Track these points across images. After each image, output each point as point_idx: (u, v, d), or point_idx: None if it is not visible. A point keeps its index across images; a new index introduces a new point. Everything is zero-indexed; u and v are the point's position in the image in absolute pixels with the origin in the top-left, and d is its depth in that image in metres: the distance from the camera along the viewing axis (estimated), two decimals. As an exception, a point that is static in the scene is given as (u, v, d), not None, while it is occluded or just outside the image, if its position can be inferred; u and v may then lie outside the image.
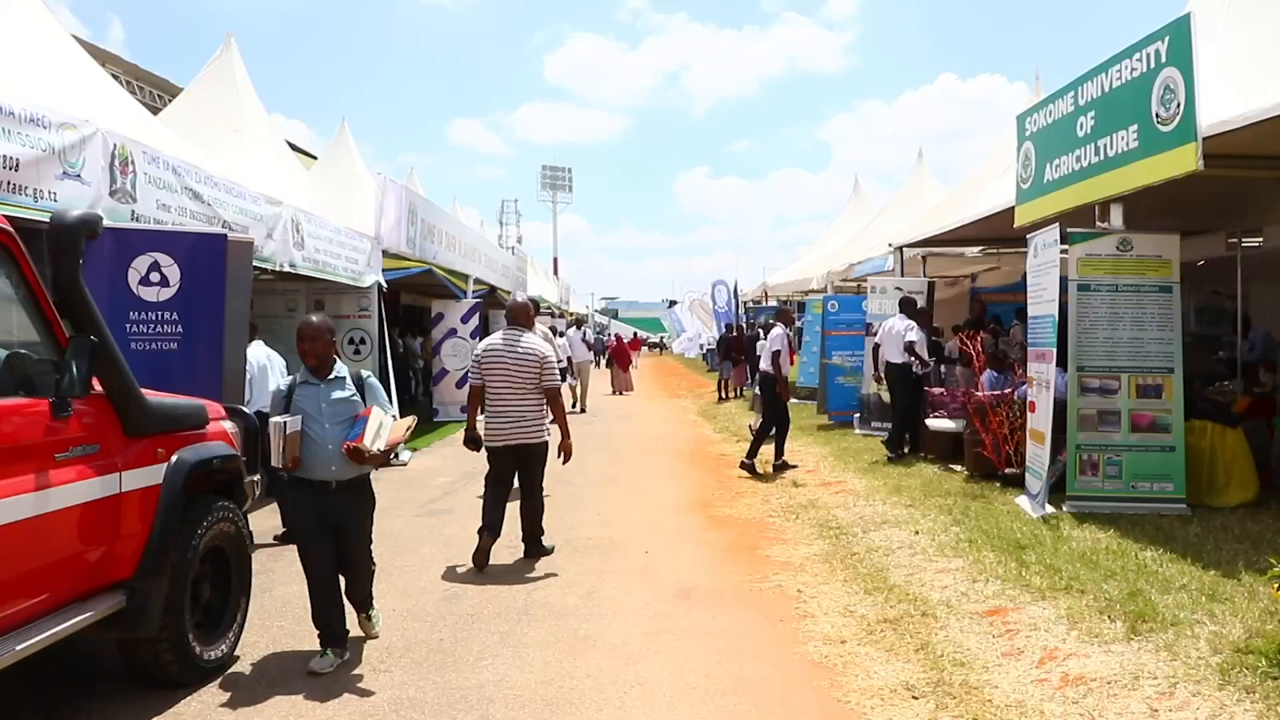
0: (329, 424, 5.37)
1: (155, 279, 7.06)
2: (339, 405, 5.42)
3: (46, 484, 4.11)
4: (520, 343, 7.68)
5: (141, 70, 22.46)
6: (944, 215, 14.53)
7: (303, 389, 5.44)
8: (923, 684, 5.00)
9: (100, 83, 9.29)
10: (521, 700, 4.95)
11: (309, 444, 5.32)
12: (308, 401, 5.39)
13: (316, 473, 5.38)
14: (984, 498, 9.25)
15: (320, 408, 5.38)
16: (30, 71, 7.52)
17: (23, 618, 4.08)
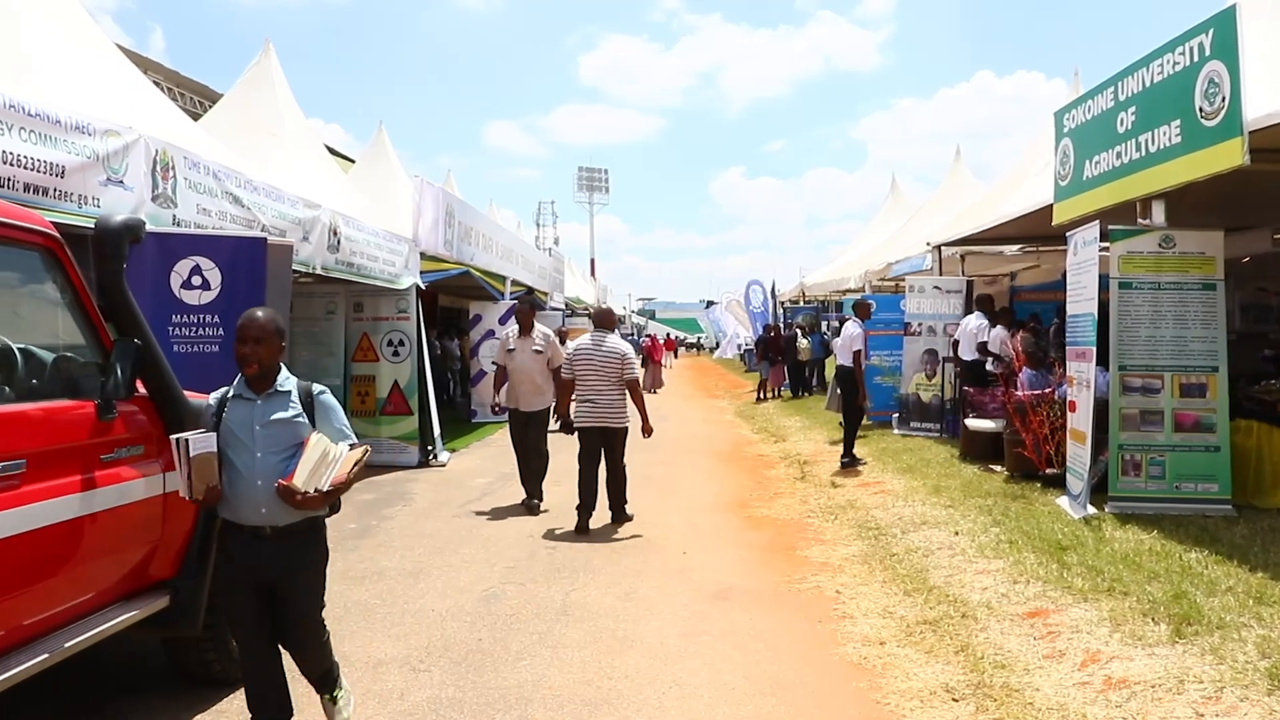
0: (262, 452, 4.11)
1: (197, 282, 7.14)
2: (278, 429, 4.16)
3: (93, 484, 4.17)
4: (605, 343, 9.32)
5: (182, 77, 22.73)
6: (982, 213, 14.41)
7: (234, 405, 4.18)
8: (963, 686, 4.97)
9: (142, 90, 9.39)
10: (560, 700, 4.97)
11: (234, 478, 4.10)
12: (238, 422, 4.14)
13: (244, 515, 4.12)
14: (1024, 498, 9.17)
15: (252, 431, 4.13)
16: (75, 80, 7.62)
17: (71, 615, 4.14)
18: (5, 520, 3.63)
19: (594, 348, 9.28)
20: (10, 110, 6.03)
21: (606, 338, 9.34)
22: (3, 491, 3.64)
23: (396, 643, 5.86)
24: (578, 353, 9.37)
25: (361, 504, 10.47)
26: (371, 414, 13.53)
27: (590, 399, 9.22)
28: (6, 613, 3.72)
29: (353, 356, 13.62)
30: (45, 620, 3.97)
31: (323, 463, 4.09)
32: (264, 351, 4.17)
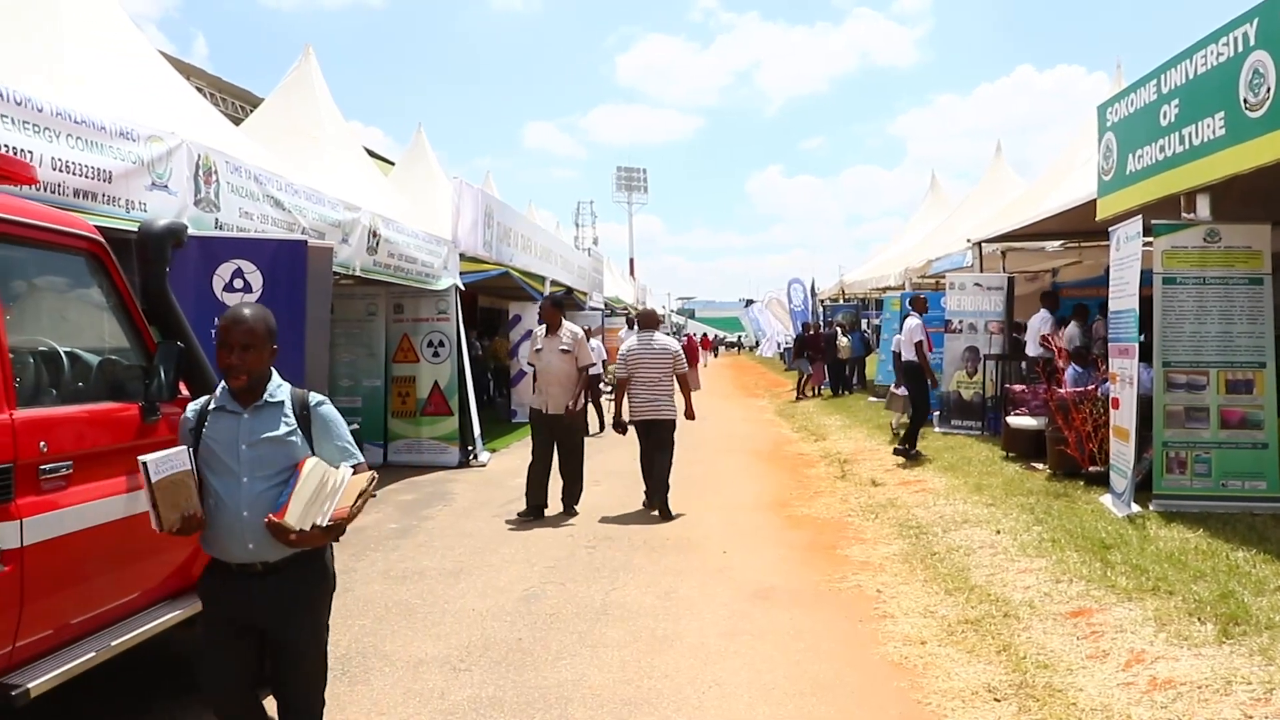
0: (249, 477, 3.44)
1: (239, 285, 7.20)
2: (268, 449, 3.48)
3: (138, 486, 4.21)
4: (654, 341, 10.08)
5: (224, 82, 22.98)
6: (1023, 209, 14.29)
7: (216, 419, 3.52)
8: (1005, 686, 4.93)
9: (185, 96, 9.52)
10: (600, 700, 4.97)
11: (217, 508, 3.45)
12: (220, 441, 3.49)
13: (229, 551, 3.47)
14: (1067, 496, 9.08)
15: (238, 452, 3.46)
16: (120, 87, 7.73)
17: (117, 614, 4.20)
18: (53, 520, 3.69)
19: (645, 347, 10.02)
20: (58, 118, 6.12)
21: (654, 336, 10.16)
22: (50, 492, 3.70)
23: (437, 642, 5.89)
24: (631, 352, 10.06)
25: (402, 504, 10.54)
26: (412, 414, 13.61)
27: (646, 395, 9.94)
28: (55, 611, 3.78)
29: (393, 357, 13.70)
30: (92, 619, 4.03)
31: (321, 493, 3.40)
32: (253, 359, 3.47)
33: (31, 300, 4.30)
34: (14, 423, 3.55)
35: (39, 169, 5.77)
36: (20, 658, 3.63)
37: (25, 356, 3.99)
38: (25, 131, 5.84)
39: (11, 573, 3.47)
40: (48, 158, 5.97)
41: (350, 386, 13.61)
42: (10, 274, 3.88)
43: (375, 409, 13.61)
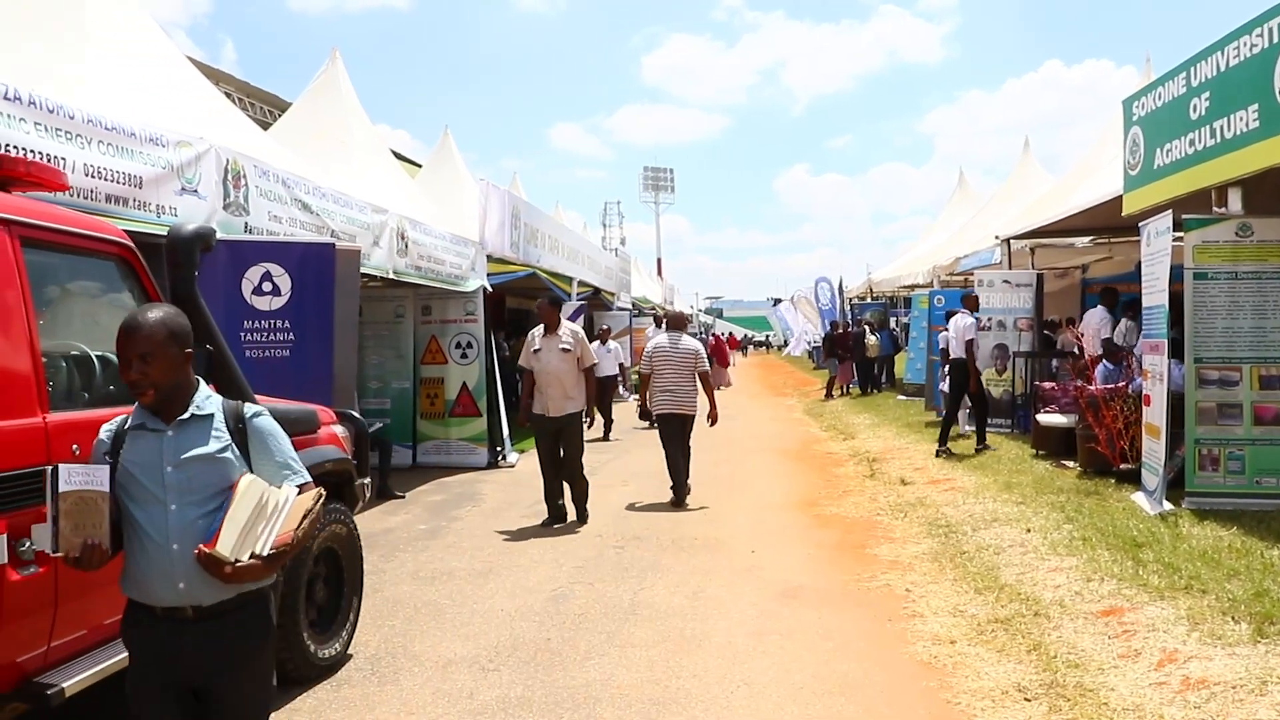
0: (177, 504, 2.94)
1: (267, 288, 7.25)
2: (197, 470, 2.98)
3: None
4: (681, 341, 10.54)
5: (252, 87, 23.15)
6: (1052, 205, 14.19)
7: (135, 440, 3.02)
8: (1035, 685, 4.90)
9: (213, 101, 9.59)
10: (628, 700, 4.98)
11: (139, 542, 2.94)
12: (141, 463, 2.97)
13: (155, 593, 2.95)
14: (1098, 494, 9.02)
15: (162, 475, 2.96)
16: (150, 94, 7.80)
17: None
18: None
19: (671, 346, 10.50)
20: (89, 124, 6.19)
21: (681, 337, 10.67)
22: (82, 495, 3.72)
23: (466, 642, 5.91)
24: (657, 350, 10.57)
25: (431, 505, 10.58)
26: (440, 416, 13.67)
27: (669, 389, 10.39)
28: (87, 612, 3.81)
29: (421, 359, 13.75)
30: (125, 621, 4.06)
31: (260, 516, 2.93)
32: (158, 370, 2.96)
33: (63, 305, 4.35)
34: (47, 426, 3.59)
35: (71, 175, 5.84)
36: (55, 658, 3.68)
37: (58, 360, 4.03)
38: (57, 138, 5.91)
39: (46, 574, 3.51)
40: (79, 164, 6.04)
41: (379, 388, 13.67)
42: (43, 279, 3.92)
43: (404, 410, 13.66)
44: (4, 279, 3.52)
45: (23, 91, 5.66)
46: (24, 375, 3.54)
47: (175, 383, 3.02)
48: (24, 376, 3.54)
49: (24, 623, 3.47)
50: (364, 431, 6.39)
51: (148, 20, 9.03)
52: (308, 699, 5.08)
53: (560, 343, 9.40)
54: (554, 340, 9.43)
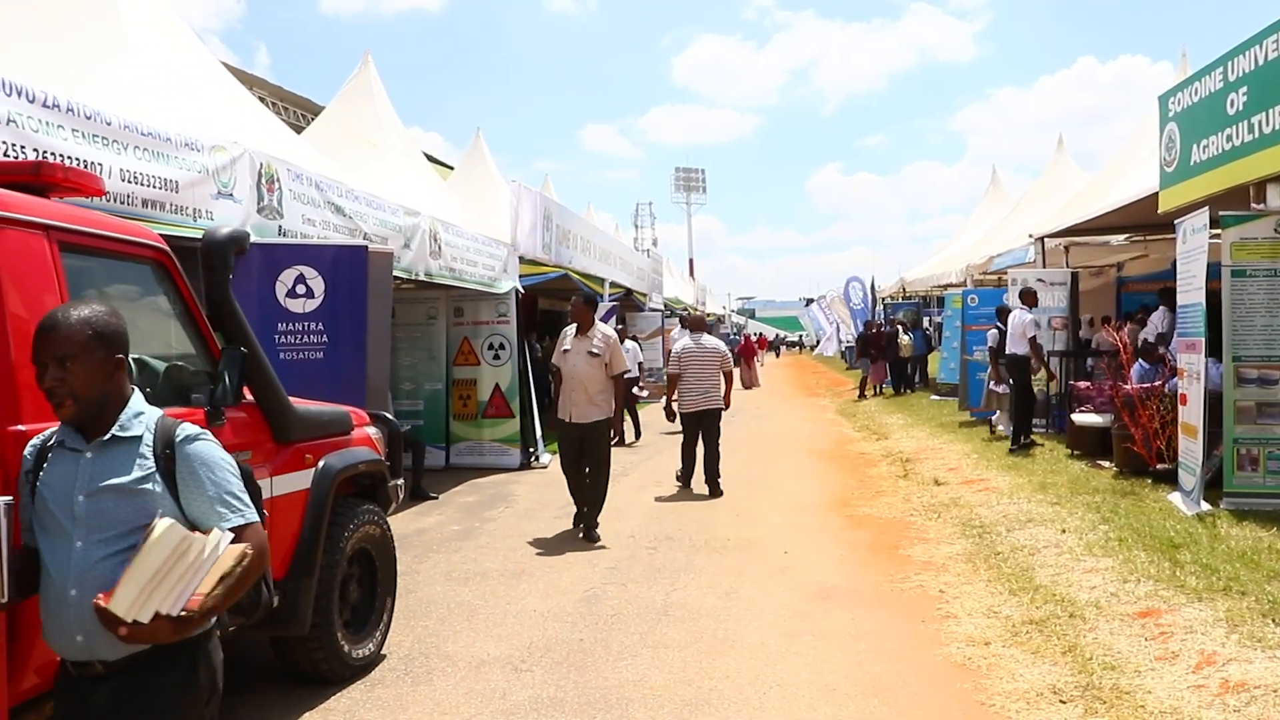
0: (84, 540, 2.53)
1: (301, 291, 7.30)
2: (112, 501, 2.55)
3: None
4: (703, 342, 11.27)
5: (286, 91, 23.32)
6: (1086, 203, 14.07)
7: (56, 458, 2.64)
8: (1070, 688, 4.86)
9: (247, 105, 9.68)
10: (660, 701, 4.98)
11: (45, 580, 2.59)
12: (55, 487, 2.59)
13: (56, 642, 2.59)
14: (1134, 495, 8.94)
15: (72, 503, 2.55)
16: (185, 99, 7.88)
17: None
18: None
19: (697, 347, 11.21)
20: (125, 130, 6.26)
21: (703, 338, 11.36)
22: (120, 497, 3.76)
23: (499, 642, 5.93)
24: (685, 351, 11.23)
25: (464, 506, 10.62)
26: (473, 417, 13.71)
27: (694, 387, 11.13)
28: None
29: (454, 360, 13.80)
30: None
31: (175, 568, 2.41)
32: (78, 378, 2.54)
33: (101, 308, 4.39)
34: (85, 428, 3.62)
35: (108, 180, 5.90)
36: (93, 658, 3.71)
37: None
38: (94, 144, 5.98)
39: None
40: (116, 169, 6.11)
41: (412, 390, 13.73)
42: (81, 283, 3.96)
43: (437, 412, 13.72)
44: (43, 283, 3.55)
45: (61, 98, 5.74)
46: (62, 378, 3.57)
47: (100, 395, 2.59)
48: (62, 379, 3.57)
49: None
50: (397, 433, 6.42)
51: (182, 26, 9.12)
52: (342, 699, 5.11)
53: (590, 345, 8.82)
54: (584, 342, 8.86)
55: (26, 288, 3.47)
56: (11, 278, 3.41)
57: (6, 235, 3.43)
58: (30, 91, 5.52)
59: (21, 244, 3.49)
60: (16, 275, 3.43)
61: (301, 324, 7.33)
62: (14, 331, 3.39)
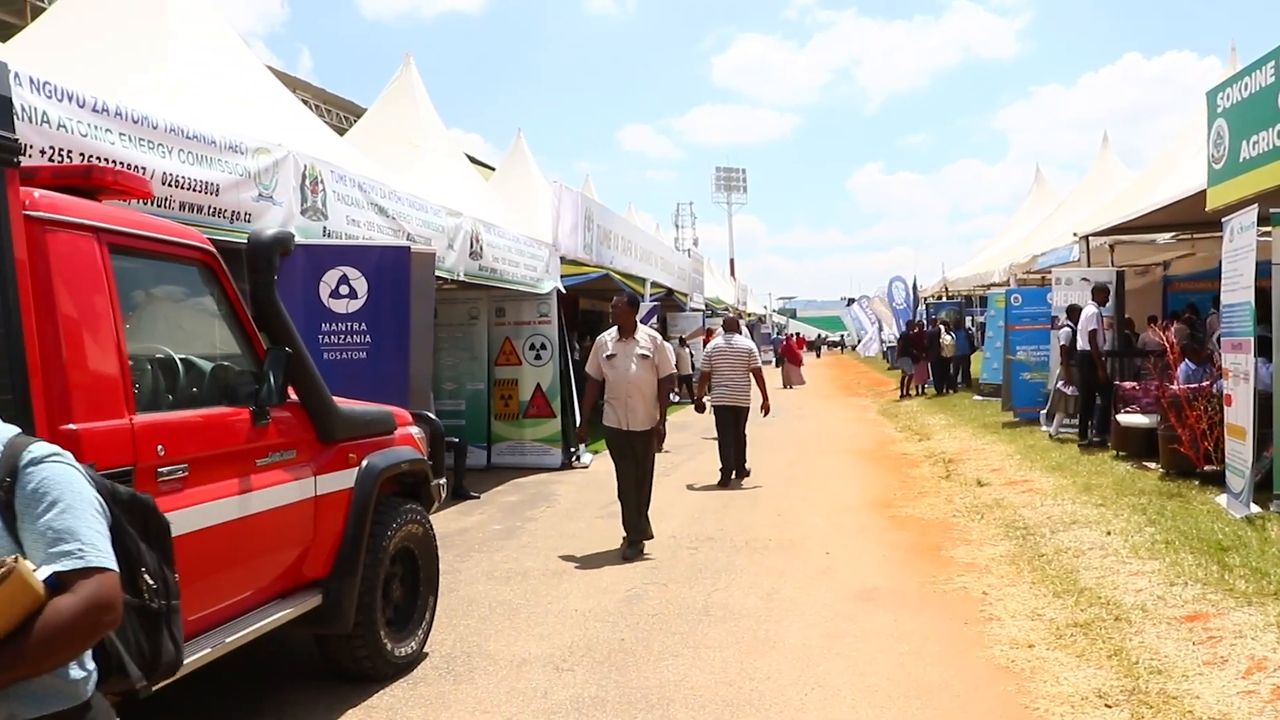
0: None
1: (344, 291, 7.37)
2: None
3: (249, 488, 4.35)
4: (735, 341, 12.05)
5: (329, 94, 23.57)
6: (1132, 201, 13.91)
7: None
8: (1116, 692, 4.81)
9: (291, 108, 9.78)
10: (701, 701, 4.97)
11: None
12: None
13: None
14: (1181, 496, 8.83)
15: None
16: (229, 102, 7.98)
17: (230, 613, 4.33)
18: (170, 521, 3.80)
19: (728, 346, 12.00)
20: (170, 134, 6.34)
21: (734, 338, 12.18)
22: (167, 494, 3.82)
23: (540, 642, 5.95)
24: (716, 350, 12.08)
25: (506, 505, 10.67)
26: (515, 417, 13.76)
27: (727, 384, 11.92)
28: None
29: (496, 361, 13.86)
30: (207, 617, 4.16)
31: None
32: None
33: (149, 309, 4.45)
34: (133, 427, 3.68)
35: (154, 183, 5.98)
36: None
37: (143, 363, 4.13)
38: (141, 147, 6.06)
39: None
40: (161, 172, 6.19)
41: (453, 390, 13.81)
42: (130, 284, 4.02)
43: (478, 411, 13.79)
44: (93, 285, 3.61)
45: (109, 103, 5.82)
46: (112, 378, 3.63)
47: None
48: (112, 379, 3.63)
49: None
50: (439, 432, 6.46)
51: (228, 30, 9.24)
52: (384, 696, 5.15)
53: (638, 348, 8.41)
54: (630, 345, 8.43)
55: (77, 289, 3.53)
56: (63, 279, 3.47)
57: (58, 238, 3.49)
58: (80, 96, 5.60)
59: (72, 246, 3.55)
60: (68, 277, 3.49)
61: (345, 324, 7.40)
62: (66, 332, 3.44)
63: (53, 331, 3.38)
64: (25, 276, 3.17)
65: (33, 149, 5.15)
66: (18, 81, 5.06)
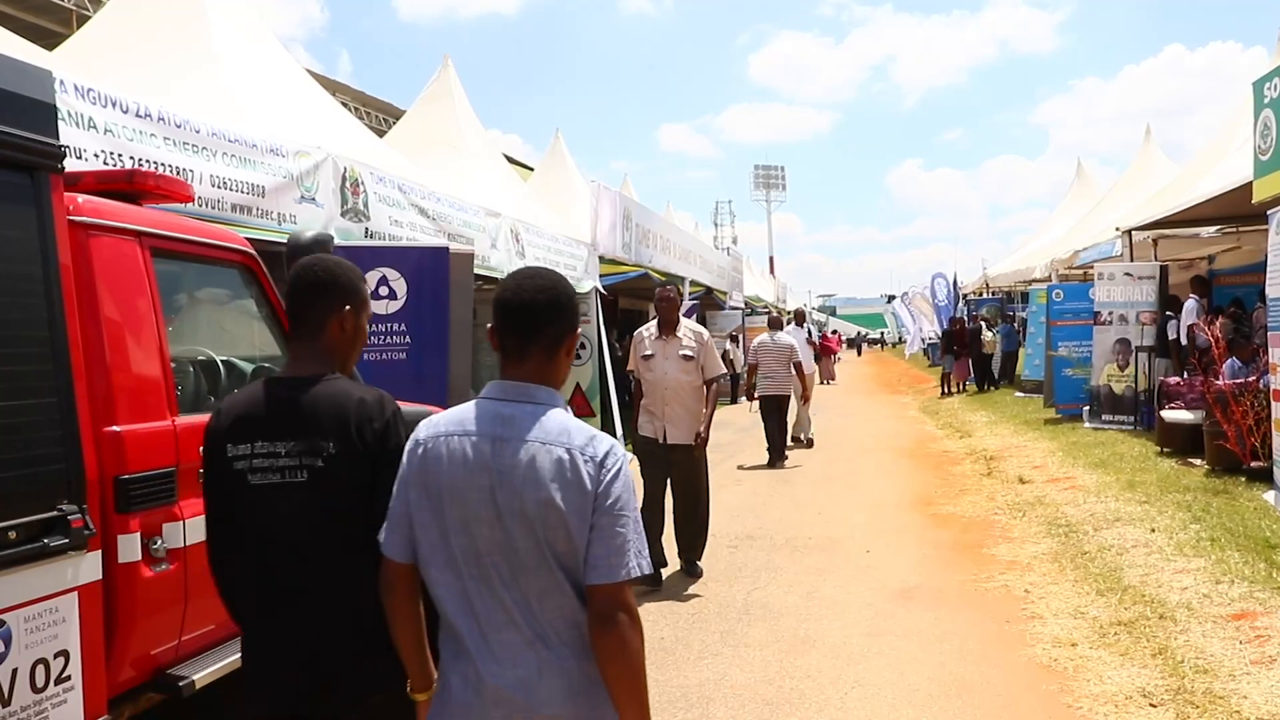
0: None
1: (384, 292, 7.40)
2: None
3: (290, 489, 4.38)
4: (777, 337, 13.60)
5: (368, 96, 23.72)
6: (1175, 194, 13.73)
7: None
8: (1161, 691, 4.75)
9: (331, 111, 9.86)
10: (741, 699, 4.97)
11: None
12: None
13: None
14: (1227, 493, 8.71)
15: None
16: (271, 106, 8.06)
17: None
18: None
19: (771, 342, 13.52)
20: (214, 137, 6.42)
21: (778, 335, 13.72)
22: (210, 495, 3.86)
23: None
24: (761, 345, 13.60)
25: (545, 504, 10.68)
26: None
27: (770, 376, 13.36)
28: (214, 608, 3.94)
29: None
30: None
31: None
32: None
33: (190, 312, 4.52)
34: (176, 429, 3.72)
35: (197, 186, 6.05)
36: (186, 651, 3.82)
37: (185, 365, 4.19)
38: (184, 151, 6.14)
39: (176, 570, 3.65)
40: (205, 175, 6.26)
41: (493, 390, 13.86)
42: (171, 287, 4.08)
43: (518, 411, 13.81)
44: (136, 288, 3.67)
45: (153, 107, 5.89)
46: (155, 380, 3.68)
47: None
48: (155, 381, 3.68)
49: (157, 617, 3.61)
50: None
51: (269, 35, 9.33)
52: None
53: (681, 348, 7.36)
54: (672, 344, 7.39)
55: (120, 292, 3.59)
56: (106, 283, 3.52)
57: (101, 242, 3.55)
58: (124, 102, 5.68)
59: (115, 250, 3.60)
60: (111, 280, 3.55)
61: (384, 325, 7.43)
62: (109, 335, 3.50)
63: (96, 334, 3.43)
64: (70, 280, 3.22)
65: (84, 153, 5.24)
66: (63, 89, 5.14)
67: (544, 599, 2.16)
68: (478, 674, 2.16)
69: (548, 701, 2.14)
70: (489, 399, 2.30)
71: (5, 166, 3.03)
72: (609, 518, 2.14)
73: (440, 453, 2.22)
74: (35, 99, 3.16)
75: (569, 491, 2.13)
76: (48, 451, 3.08)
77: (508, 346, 2.31)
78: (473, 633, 2.18)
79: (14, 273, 3.03)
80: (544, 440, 2.18)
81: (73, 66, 6.16)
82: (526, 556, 2.14)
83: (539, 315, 2.28)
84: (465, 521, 2.17)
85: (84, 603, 3.18)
